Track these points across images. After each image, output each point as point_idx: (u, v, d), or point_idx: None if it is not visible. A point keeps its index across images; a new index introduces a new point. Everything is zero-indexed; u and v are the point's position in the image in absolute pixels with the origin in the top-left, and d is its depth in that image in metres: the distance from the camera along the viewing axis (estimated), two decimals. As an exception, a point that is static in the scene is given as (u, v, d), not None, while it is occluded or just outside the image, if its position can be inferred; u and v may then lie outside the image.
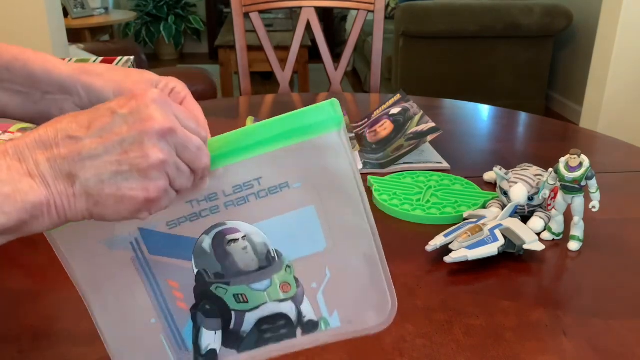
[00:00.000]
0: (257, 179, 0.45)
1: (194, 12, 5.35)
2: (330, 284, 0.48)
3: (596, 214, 0.75)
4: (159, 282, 0.47)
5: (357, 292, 0.48)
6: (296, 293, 0.48)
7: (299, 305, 0.48)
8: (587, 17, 3.43)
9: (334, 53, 3.32)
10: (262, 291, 0.47)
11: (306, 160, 0.45)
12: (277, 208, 0.46)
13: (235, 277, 0.47)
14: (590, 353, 0.57)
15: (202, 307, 0.48)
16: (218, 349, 0.48)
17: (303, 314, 0.48)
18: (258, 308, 0.48)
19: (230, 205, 0.45)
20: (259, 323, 0.48)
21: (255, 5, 1.56)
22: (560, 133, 1.24)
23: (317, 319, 0.48)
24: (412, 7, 3.15)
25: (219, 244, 0.46)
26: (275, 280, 0.47)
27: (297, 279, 0.48)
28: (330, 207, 0.46)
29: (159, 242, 0.46)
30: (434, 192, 0.89)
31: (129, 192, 0.39)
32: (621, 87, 2.58)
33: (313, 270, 0.47)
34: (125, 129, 0.39)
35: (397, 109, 1.11)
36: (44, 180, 0.38)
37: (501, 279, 0.69)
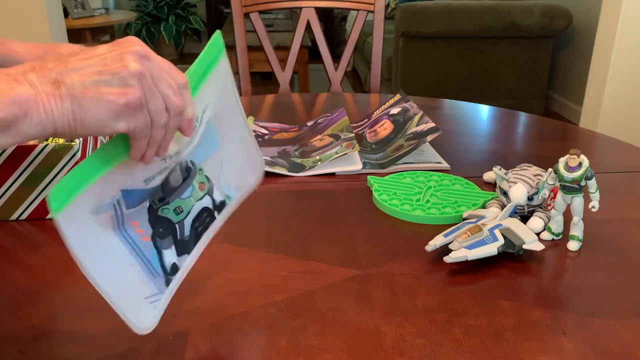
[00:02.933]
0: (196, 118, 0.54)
1: (194, 12, 5.35)
2: (224, 169, 0.60)
3: (596, 214, 0.75)
4: (126, 228, 0.52)
5: (240, 166, 0.61)
6: (209, 187, 0.58)
7: (212, 195, 0.59)
8: (587, 17, 3.43)
9: (334, 53, 3.32)
10: (190, 197, 0.57)
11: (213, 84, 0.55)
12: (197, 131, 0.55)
13: (171, 195, 0.55)
14: (590, 353, 0.57)
15: (157, 231, 0.55)
16: (177, 261, 0.56)
17: (215, 200, 0.59)
18: (190, 212, 0.57)
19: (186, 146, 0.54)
20: (192, 223, 0.57)
21: (255, 6, 1.56)
22: (560, 133, 1.24)
23: (223, 197, 0.60)
24: (412, 7, 3.15)
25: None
26: (194, 184, 0.57)
27: (207, 177, 0.58)
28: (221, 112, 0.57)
29: (135, 197, 0.52)
30: (433, 192, 0.89)
31: (108, 96, 0.43)
32: (621, 87, 2.58)
33: (214, 165, 0.59)
34: (107, 51, 0.44)
35: (397, 109, 1.11)
36: (31, 84, 0.42)
37: (501, 279, 0.69)
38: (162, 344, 0.57)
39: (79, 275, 0.69)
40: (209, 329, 0.59)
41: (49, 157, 0.78)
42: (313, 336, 0.59)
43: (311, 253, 0.73)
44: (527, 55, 3.30)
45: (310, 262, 0.72)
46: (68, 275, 0.69)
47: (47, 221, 0.81)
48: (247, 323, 0.61)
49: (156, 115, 0.46)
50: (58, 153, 0.78)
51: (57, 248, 0.75)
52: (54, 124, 0.42)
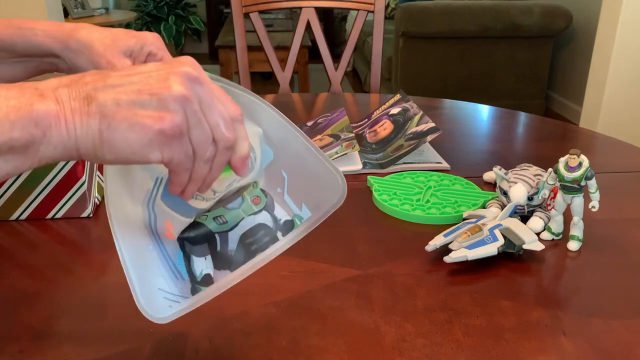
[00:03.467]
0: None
1: (194, 12, 5.35)
2: (290, 183, 0.53)
3: (596, 214, 0.75)
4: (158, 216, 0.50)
5: (311, 180, 0.53)
6: (266, 202, 0.52)
7: (272, 212, 0.52)
8: (587, 17, 3.43)
9: (334, 53, 3.32)
10: (238, 209, 0.52)
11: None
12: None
13: (214, 202, 0.51)
14: (590, 353, 0.57)
15: (187, 235, 0.51)
16: (212, 273, 0.51)
17: (278, 218, 0.52)
18: (238, 225, 0.51)
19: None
20: (242, 238, 0.51)
21: (255, 6, 1.56)
22: (560, 133, 1.24)
23: (291, 217, 0.52)
24: (412, 7, 3.15)
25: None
26: (246, 197, 0.52)
27: (264, 191, 0.52)
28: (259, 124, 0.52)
29: (172, 198, 0.49)
30: (433, 192, 0.89)
31: (142, 119, 0.38)
32: (621, 87, 2.58)
33: (273, 177, 0.52)
34: (154, 69, 0.39)
35: (397, 109, 1.11)
36: (57, 99, 0.37)
37: (501, 279, 0.69)
38: (162, 344, 0.57)
39: (79, 275, 0.69)
40: (209, 329, 0.59)
41: (49, 157, 0.78)
42: (313, 336, 0.59)
43: (311, 253, 0.73)
44: (527, 55, 3.30)
45: (310, 262, 0.72)
46: (68, 275, 0.69)
47: (47, 221, 0.81)
48: (247, 323, 0.61)
49: (200, 148, 0.40)
50: (58, 153, 0.78)
51: (57, 248, 0.75)
52: (76, 144, 0.38)
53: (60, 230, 0.80)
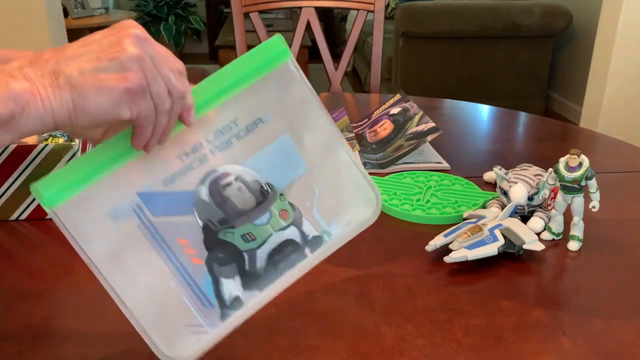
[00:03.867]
0: (234, 121, 0.49)
1: (194, 12, 5.35)
2: (320, 198, 0.52)
3: (596, 214, 0.75)
4: (169, 244, 0.48)
5: (344, 196, 0.53)
6: (295, 217, 0.51)
7: (300, 227, 0.51)
8: (587, 17, 3.43)
9: (334, 53, 3.32)
10: (266, 224, 0.50)
11: (268, 93, 0.50)
12: (257, 144, 0.50)
13: (238, 218, 0.50)
14: (590, 353, 0.57)
15: (215, 256, 0.49)
16: (241, 295, 0.50)
17: (306, 234, 0.51)
18: (266, 242, 0.50)
19: (216, 150, 0.49)
20: (270, 256, 0.51)
21: (255, 5, 1.56)
22: (560, 133, 1.24)
23: (320, 233, 0.52)
24: (412, 7, 3.15)
25: (216, 191, 0.49)
26: (274, 211, 0.50)
27: (292, 204, 0.51)
28: (301, 131, 0.51)
29: (159, 202, 0.48)
30: (433, 192, 0.89)
31: (108, 82, 0.41)
32: (621, 87, 2.58)
33: (303, 191, 0.51)
34: (103, 36, 0.43)
35: (397, 109, 1.11)
36: (27, 77, 0.40)
37: (501, 279, 0.69)
38: (162, 344, 0.57)
39: (79, 275, 0.69)
40: (209, 329, 0.59)
41: (48, 157, 0.78)
42: (313, 336, 0.59)
43: (311, 253, 0.73)
44: (527, 55, 3.30)
45: (310, 262, 0.72)
46: (68, 275, 0.69)
47: (47, 221, 0.81)
48: (248, 323, 0.61)
49: (159, 100, 0.44)
50: (58, 153, 0.78)
51: (57, 248, 0.75)
52: (53, 116, 0.41)
53: (60, 230, 0.79)
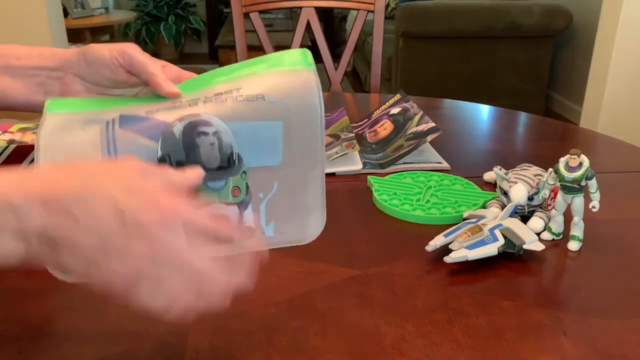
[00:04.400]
0: (237, 89, 0.50)
1: (194, 12, 5.35)
2: (274, 197, 0.51)
3: (596, 214, 0.75)
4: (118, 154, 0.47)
5: (296, 209, 0.52)
6: (244, 199, 0.50)
7: (243, 210, 0.50)
8: (587, 17, 3.43)
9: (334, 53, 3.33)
10: (215, 191, 0.49)
11: (283, 82, 0.50)
12: (249, 115, 0.49)
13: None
14: (590, 353, 0.57)
15: None
16: None
17: (244, 220, 0.50)
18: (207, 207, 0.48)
19: (209, 102, 0.49)
20: None
21: (255, 5, 1.56)
22: (560, 133, 1.24)
23: (254, 227, 0.51)
24: (412, 7, 3.15)
25: (189, 133, 0.48)
26: (229, 183, 0.49)
27: (248, 186, 0.50)
28: (294, 129, 0.50)
29: (132, 120, 0.48)
30: (434, 192, 0.89)
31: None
32: (621, 87, 2.58)
33: (263, 180, 0.50)
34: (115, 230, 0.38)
35: (397, 109, 1.11)
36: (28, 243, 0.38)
37: (501, 279, 0.69)
38: (162, 344, 0.57)
39: (79, 275, 0.69)
40: (209, 329, 0.59)
41: (48, 157, 0.78)
42: (313, 336, 0.59)
43: (311, 253, 0.73)
44: (527, 55, 3.30)
45: (310, 262, 0.72)
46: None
47: (47, 221, 0.81)
48: (247, 323, 0.61)
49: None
50: (58, 153, 0.78)
51: (57, 248, 0.75)
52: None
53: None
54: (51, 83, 0.58)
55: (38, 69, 0.58)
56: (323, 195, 0.52)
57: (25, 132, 0.85)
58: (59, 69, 0.58)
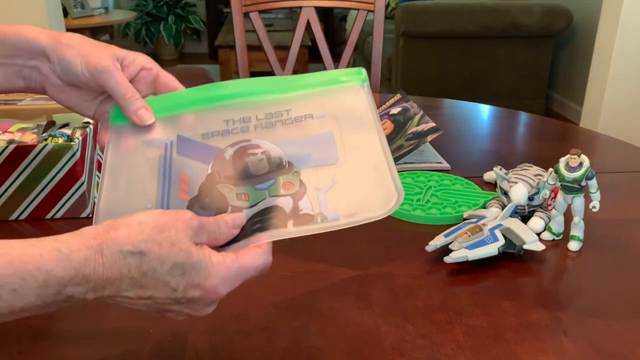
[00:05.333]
0: (287, 110, 0.53)
1: (194, 12, 5.34)
2: (336, 188, 0.49)
3: (596, 214, 0.75)
4: (172, 176, 0.51)
5: (361, 195, 0.49)
6: (297, 191, 0.49)
7: (297, 200, 0.48)
8: (587, 17, 3.43)
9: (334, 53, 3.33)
10: (264, 189, 0.49)
11: (333, 101, 0.54)
12: (299, 133, 0.52)
13: (242, 179, 0.50)
14: (590, 353, 0.57)
15: (201, 199, 0.49)
16: None
17: (299, 208, 0.48)
18: (256, 205, 0.48)
19: (259, 127, 0.52)
20: (251, 217, 0.48)
21: (255, 5, 1.56)
22: (560, 133, 1.24)
23: (314, 213, 0.48)
24: (412, 7, 3.14)
25: (239, 156, 0.51)
26: (279, 180, 0.50)
27: (302, 181, 0.50)
28: (347, 134, 0.52)
29: (188, 146, 0.52)
30: (434, 192, 0.89)
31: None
32: (621, 87, 2.58)
33: (321, 176, 0.50)
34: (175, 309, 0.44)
35: (397, 109, 1.11)
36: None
37: (501, 279, 0.69)
38: (161, 344, 0.57)
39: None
40: (209, 330, 0.59)
41: (48, 157, 0.78)
42: (313, 336, 0.59)
43: (311, 253, 0.73)
44: (527, 55, 3.30)
45: (310, 262, 0.72)
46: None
47: (47, 221, 0.81)
48: (247, 323, 0.61)
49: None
50: (57, 153, 0.78)
51: (57, 248, 0.75)
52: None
53: (59, 230, 0.79)
54: (28, 71, 0.56)
55: (11, 57, 0.55)
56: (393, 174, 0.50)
57: (25, 132, 0.85)
58: (34, 58, 0.55)
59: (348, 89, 0.55)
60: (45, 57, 0.55)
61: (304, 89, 0.55)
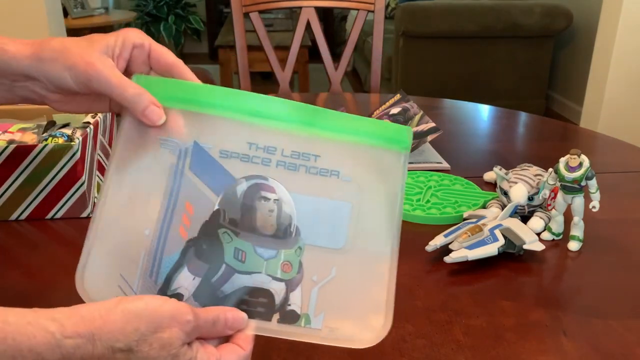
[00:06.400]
0: (316, 156, 0.47)
1: (194, 12, 5.35)
2: (330, 284, 0.46)
3: (596, 214, 0.75)
4: (177, 202, 0.47)
5: (353, 304, 0.47)
6: (293, 278, 0.46)
7: (290, 291, 0.46)
8: (587, 17, 3.43)
9: (334, 53, 3.32)
10: (263, 260, 0.46)
11: (366, 162, 0.48)
12: (318, 189, 0.47)
13: (246, 232, 0.46)
14: (590, 353, 0.57)
15: (199, 244, 0.46)
16: (185, 297, 0.46)
17: (289, 302, 0.46)
18: (250, 274, 0.46)
19: (281, 166, 0.47)
20: (242, 292, 0.46)
21: (255, 5, 1.56)
22: (560, 133, 1.24)
23: (301, 313, 0.46)
24: (412, 7, 3.15)
25: (251, 195, 0.47)
26: (280, 255, 0.46)
27: (302, 265, 0.46)
28: (365, 214, 0.47)
29: (203, 163, 0.47)
30: (434, 192, 0.89)
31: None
32: (621, 86, 2.58)
33: (321, 263, 0.46)
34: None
35: (397, 109, 1.11)
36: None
37: (501, 279, 0.69)
38: (162, 344, 0.57)
39: (79, 275, 0.69)
40: (209, 329, 0.59)
41: (48, 157, 0.78)
42: (313, 336, 0.59)
43: (311, 253, 0.73)
44: (527, 55, 3.30)
45: (310, 262, 0.72)
46: (68, 275, 0.69)
47: (47, 221, 0.81)
48: (247, 323, 0.61)
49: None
50: (57, 153, 0.78)
51: (57, 248, 0.75)
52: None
53: (59, 230, 0.80)
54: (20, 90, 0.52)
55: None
56: (392, 294, 0.46)
57: (25, 132, 0.85)
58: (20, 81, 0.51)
59: (388, 154, 0.48)
60: (30, 78, 0.51)
61: (343, 133, 0.48)
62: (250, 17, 1.57)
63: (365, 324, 0.46)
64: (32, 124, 0.89)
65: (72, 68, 0.48)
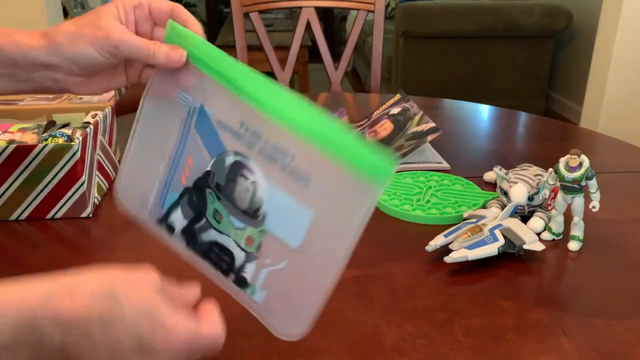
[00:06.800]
0: (293, 156, 0.48)
1: (194, 12, 5.35)
2: (278, 272, 0.50)
3: (596, 214, 0.75)
4: (184, 151, 0.53)
5: (291, 298, 0.50)
6: (252, 252, 0.51)
7: (247, 262, 0.51)
8: (587, 17, 3.43)
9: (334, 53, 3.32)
10: (233, 227, 0.51)
11: (339, 182, 0.46)
12: (288, 187, 0.49)
13: (226, 200, 0.52)
14: (590, 353, 0.57)
15: (191, 194, 0.53)
16: (176, 230, 0.54)
17: (244, 269, 0.51)
18: (221, 233, 0.52)
19: (262, 154, 0.49)
20: (213, 243, 0.52)
21: (255, 5, 1.56)
22: (560, 133, 1.24)
23: (250, 283, 0.51)
24: (412, 7, 3.15)
25: (235, 170, 0.51)
26: (247, 230, 0.51)
27: (261, 245, 0.50)
28: (323, 229, 0.48)
29: (204, 125, 0.52)
30: (434, 192, 0.89)
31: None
32: (621, 86, 2.58)
33: (276, 251, 0.49)
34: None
35: (397, 109, 1.11)
36: None
37: (501, 279, 0.69)
38: (161, 344, 0.57)
39: (79, 275, 0.69)
40: (209, 329, 0.59)
41: (48, 157, 0.78)
42: (313, 336, 0.59)
43: (311, 253, 0.73)
44: (527, 55, 3.30)
45: (310, 262, 0.72)
46: (68, 275, 0.69)
47: (47, 221, 0.81)
48: (247, 323, 0.61)
49: None
50: (57, 153, 0.78)
51: (57, 248, 0.75)
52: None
53: (60, 230, 0.80)
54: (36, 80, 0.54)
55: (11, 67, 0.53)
56: (321, 307, 0.49)
57: (25, 132, 0.85)
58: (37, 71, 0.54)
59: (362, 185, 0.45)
60: (49, 67, 0.53)
61: (325, 143, 0.46)
62: (250, 17, 1.57)
63: (294, 320, 0.50)
64: (32, 124, 0.89)
65: (95, 42, 0.51)
